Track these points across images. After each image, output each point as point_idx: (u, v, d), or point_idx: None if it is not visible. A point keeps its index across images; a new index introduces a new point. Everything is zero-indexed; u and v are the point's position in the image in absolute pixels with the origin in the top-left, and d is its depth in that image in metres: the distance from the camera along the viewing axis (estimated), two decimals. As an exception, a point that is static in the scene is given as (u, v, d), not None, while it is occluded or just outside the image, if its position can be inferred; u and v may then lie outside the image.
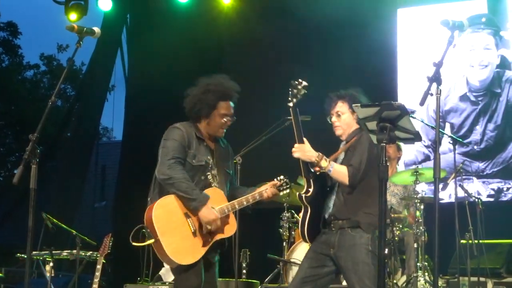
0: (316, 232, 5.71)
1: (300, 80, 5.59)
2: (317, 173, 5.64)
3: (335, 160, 5.71)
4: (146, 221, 5.53)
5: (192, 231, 5.55)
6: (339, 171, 5.55)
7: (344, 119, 5.77)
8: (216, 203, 5.63)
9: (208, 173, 5.76)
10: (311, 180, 5.65)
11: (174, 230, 5.54)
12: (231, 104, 5.83)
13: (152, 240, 5.50)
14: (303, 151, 5.55)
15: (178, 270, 5.61)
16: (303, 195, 5.65)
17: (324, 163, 5.51)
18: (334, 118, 5.80)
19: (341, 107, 5.78)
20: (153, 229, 5.48)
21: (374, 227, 5.56)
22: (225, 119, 5.80)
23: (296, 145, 5.57)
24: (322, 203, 5.72)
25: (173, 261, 5.51)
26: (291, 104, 5.58)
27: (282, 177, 5.89)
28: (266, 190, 5.81)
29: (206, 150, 5.82)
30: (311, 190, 5.64)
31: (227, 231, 5.68)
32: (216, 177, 5.79)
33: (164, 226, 5.52)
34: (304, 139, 5.59)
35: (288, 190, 5.91)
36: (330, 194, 5.72)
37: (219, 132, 5.86)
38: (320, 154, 5.54)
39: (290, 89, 5.58)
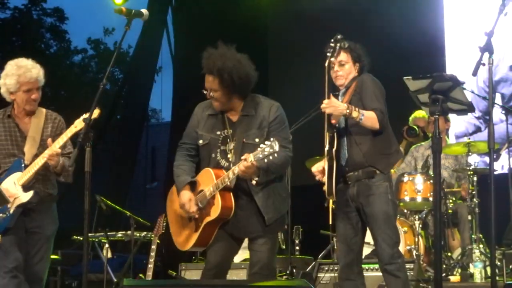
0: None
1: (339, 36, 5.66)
2: (336, 124, 5.60)
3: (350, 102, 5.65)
4: None
5: (188, 216, 5.62)
6: (370, 117, 5.48)
7: (347, 68, 5.78)
8: (206, 184, 5.50)
9: (218, 149, 5.57)
10: (334, 134, 5.60)
11: (175, 216, 5.73)
12: (209, 77, 5.49)
13: None
14: (334, 106, 5.47)
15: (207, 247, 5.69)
16: (333, 150, 5.57)
17: (355, 113, 5.43)
18: (336, 67, 5.76)
19: (344, 56, 5.77)
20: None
21: (387, 167, 5.64)
22: (205, 92, 5.55)
23: (325, 101, 5.50)
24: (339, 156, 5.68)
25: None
26: (333, 59, 5.59)
27: (268, 142, 5.19)
28: (239, 166, 5.28)
29: (219, 125, 5.59)
30: (335, 143, 5.58)
31: (212, 213, 5.45)
32: (229, 151, 5.54)
33: (171, 212, 5.80)
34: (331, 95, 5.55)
35: (275, 155, 5.16)
36: (342, 146, 5.67)
37: (213, 105, 5.59)
38: (349, 106, 5.47)
39: (332, 44, 5.60)
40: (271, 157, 5.15)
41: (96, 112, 5.30)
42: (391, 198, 5.61)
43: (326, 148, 5.62)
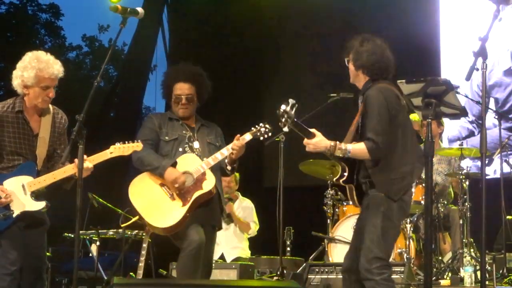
0: None
1: (285, 107, 5.24)
2: None
3: (359, 125, 5.40)
4: (128, 201, 6.09)
5: (169, 195, 5.97)
6: (358, 151, 5.25)
7: (352, 70, 5.59)
8: (190, 166, 6.01)
9: (186, 145, 6.20)
10: (343, 163, 5.41)
11: (150, 201, 5.99)
12: (185, 84, 6.23)
13: (136, 217, 6.06)
14: (314, 144, 5.30)
15: (179, 234, 5.96)
16: (341, 181, 5.45)
17: (338, 152, 5.25)
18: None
19: (347, 60, 5.63)
20: (133, 206, 6.01)
21: (395, 194, 5.29)
22: (178, 99, 6.24)
23: (305, 141, 5.33)
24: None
25: (161, 228, 5.96)
26: (286, 129, 5.31)
27: (261, 124, 6.21)
28: (234, 143, 6.06)
29: (181, 127, 6.27)
30: (346, 173, 5.42)
31: (205, 186, 6.00)
32: (195, 148, 6.21)
33: (141, 200, 6.00)
34: (314, 131, 5.32)
35: (269, 134, 6.23)
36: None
37: (179, 112, 6.27)
38: (333, 143, 5.25)
39: (280, 118, 5.24)
40: (266, 136, 6.06)
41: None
42: (383, 210, 5.26)
43: (338, 178, 5.47)
